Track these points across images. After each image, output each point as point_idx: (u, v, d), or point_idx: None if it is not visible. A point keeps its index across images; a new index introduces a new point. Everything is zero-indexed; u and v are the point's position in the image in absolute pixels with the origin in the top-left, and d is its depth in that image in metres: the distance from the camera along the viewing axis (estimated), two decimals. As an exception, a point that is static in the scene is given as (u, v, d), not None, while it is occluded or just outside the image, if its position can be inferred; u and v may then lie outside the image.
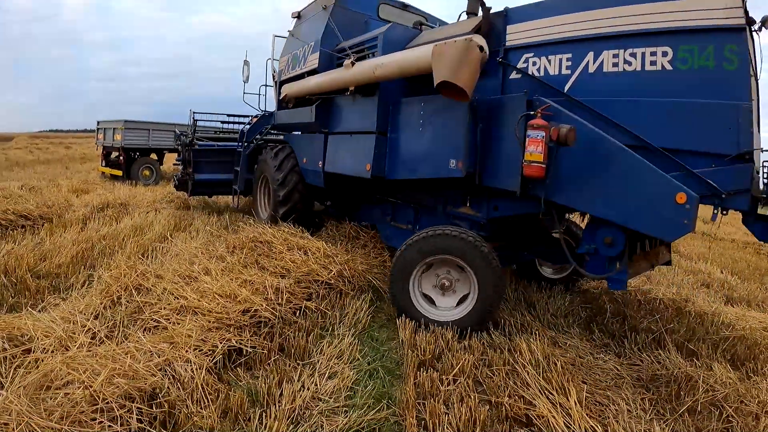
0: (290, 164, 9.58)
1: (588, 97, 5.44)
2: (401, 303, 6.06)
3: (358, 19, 8.85)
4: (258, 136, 11.78)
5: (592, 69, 5.53)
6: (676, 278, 9.55)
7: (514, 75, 6.12)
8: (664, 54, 5.05)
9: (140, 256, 7.39)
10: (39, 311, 5.22)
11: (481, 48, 5.88)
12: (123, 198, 13.19)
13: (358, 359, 5.09)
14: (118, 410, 3.60)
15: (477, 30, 6.29)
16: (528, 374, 4.64)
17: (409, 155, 6.95)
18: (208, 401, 3.99)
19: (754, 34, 5.08)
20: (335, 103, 8.69)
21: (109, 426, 3.52)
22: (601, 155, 5.06)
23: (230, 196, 12.97)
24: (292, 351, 5.09)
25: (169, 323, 5.05)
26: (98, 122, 21.21)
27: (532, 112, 5.41)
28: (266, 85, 12.34)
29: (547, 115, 5.35)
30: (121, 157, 19.71)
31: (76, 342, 4.54)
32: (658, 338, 6.07)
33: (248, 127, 12.29)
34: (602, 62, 5.45)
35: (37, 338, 4.51)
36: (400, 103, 7.11)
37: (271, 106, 11.96)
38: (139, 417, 3.67)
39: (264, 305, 5.62)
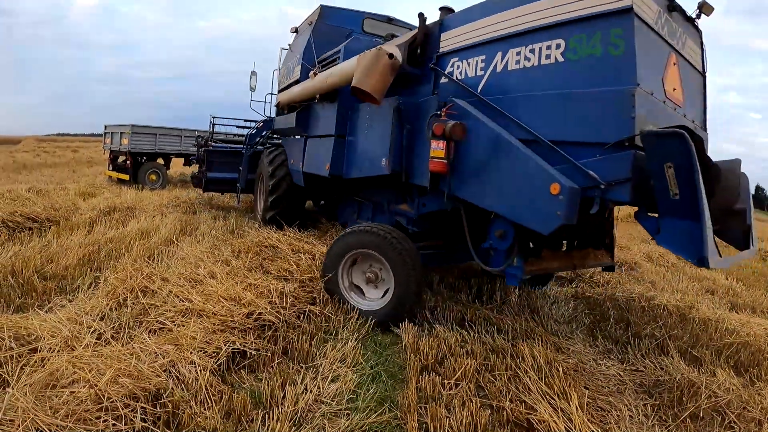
0: (280, 161, 10.46)
1: (496, 95, 5.61)
2: (331, 289, 6.53)
3: (341, 33, 9.50)
4: (259, 139, 13.21)
5: (499, 68, 5.74)
6: (681, 285, 9.52)
7: (443, 80, 6.42)
8: (558, 47, 5.14)
9: (146, 260, 7.41)
10: (45, 312, 5.24)
11: (391, 56, 6.48)
12: (129, 202, 13.22)
13: (361, 363, 5.08)
14: (122, 409, 3.62)
15: (413, 39, 6.78)
16: (530, 379, 4.64)
17: (358, 155, 7.58)
18: (211, 402, 4.01)
19: (697, 23, 5.60)
20: (312, 109, 9.50)
21: (114, 424, 3.54)
22: (493, 150, 5.26)
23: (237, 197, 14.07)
24: (296, 354, 5.08)
25: (174, 325, 5.07)
26: (105, 126, 21.30)
27: (438, 112, 5.76)
28: (272, 93, 13.38)
29: (451, 114, 5.71)
30: (128, 161, 19.79)
31: (81, 342, 4.54)
32: (662, 344, 6.07)
33: (254, 131, 13.52)
34: (507, 61, 5.64)
35: (44, 338, 4.53)
36: (354, 109, 7.80)
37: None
38: (143, 416, 3.68)
39: (268, 309, 5.64)
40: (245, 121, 16.05)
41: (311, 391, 4.35)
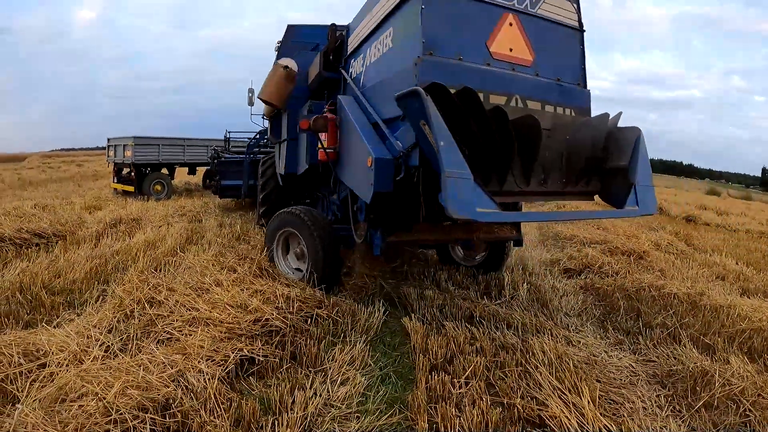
0: (269, 164, 11.51)
1: (367, 86, 6.44)
2: (270, 260, 7.39)
3: (308, 48, 10.07)
4: (257, 148, 14.78)
5: (368, 63, 6.50)
6: (691, 272, 9.47)
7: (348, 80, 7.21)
8: (389, 35, 5.83)
9: (153, 270, 7.37)
10: (54, 327, 5.22)
11: (286, 67, 8.40)
12: (135, 213, 13.23)
13: (370, 365, 5.05)
14: (131, 421, 3.61)
15: (326, 48, 7.86)
16: (540, 375, 4.60)
17: (298, 155, 8.78)
18: (221, 410, 3.97)
19: None
20: (279, 117, 10.32)
21: (123, 437, 3.51)
22: (349, 136, 6.07)
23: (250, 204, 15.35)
24: (304, 359, 5.05)
25: (182, 335, 5.04)
26: (108, 139, 21.30)
27: (324, 109, 6.76)
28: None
29: (331, 109, 6.67)
30: (132, 173, 19.82)
31: (90, 355, 4.52)
32: (673, 333, 6.02)
33: (252, 141, 15.37)
34: (371, 55, 6.38)
35: (52, 353, 4.51)
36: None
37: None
38: (153, 427, 3.66)
39: (275, 314, 5.61)
40: (257, 133, 16.77)
41: (320, 395, 4.32)
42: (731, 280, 9.23)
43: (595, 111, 6.09)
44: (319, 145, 6.65)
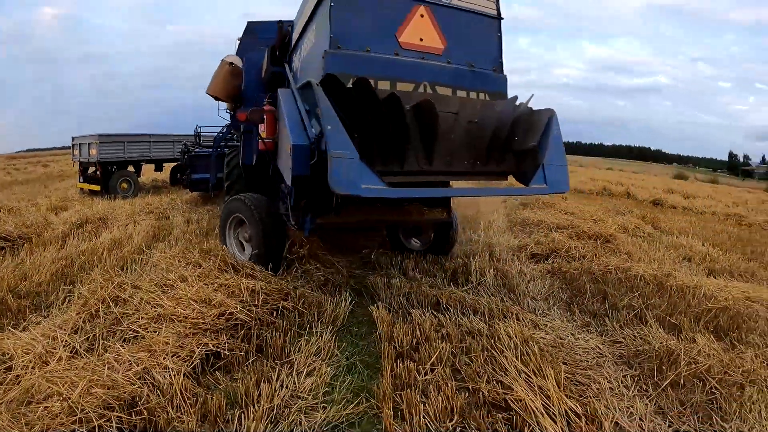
0: (233, 155, 11.54)
1: (299, 79, 6.72)
2: (223, 243, 7.72)
3: (265, 44, 10.00)
4: (224, 142, 14.69)
5: (302, 57, 6.82)
6: (657, 254, 9.57)
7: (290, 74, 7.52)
8: (313, 31, 6.26)
9: (119, 269, 7.28)
10: (21, 330, 5.12)
11: (231, 63, 9.21)
12: (101, 212, 12.95)
13: (337, 355, 5.05)
14: (96, 420, 3.58)
15: (273, 44, 8.28)
16: (506, 359, 4.57)
17: (253, 146, 8.72)
18: (187, 406, 3.95)
19: None
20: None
21: (89, 435, 3.45)
22: (281, 126, 6.23)
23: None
24: (270, 351, 5.02)
25: (147, 332, 4.99)
26: (73, 138, 20.92)
27: (264, 102, 6.95)
28: None
29: (271, 102, 6.81)
30: (98, 172, 19.52)
31: (55, 357, 4.47)
32: (640, 314, 6.04)
33: (219, 134, 15.21)
34: (303, 50, 6.72)
35: (18, 356, 4.45)
36: None
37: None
38: (119, 426, 3.67)
39: (239, 308, 5.54)
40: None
41: (287, 387, 4.31)
42: (697, 261, 9.32)
43: (566, 99, 6.32)
44: (260, 135, 7.00)
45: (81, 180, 20.47)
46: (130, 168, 20.82)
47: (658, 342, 5.14)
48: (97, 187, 19.31)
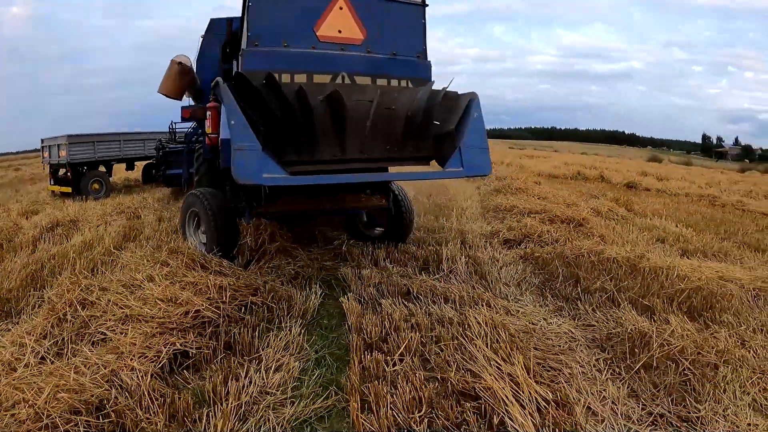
0: (200, 150, 11.01)
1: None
2: (184, 236, 7.92)
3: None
4: (195, 137, 14.25)
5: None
6: (631, 236, 9.59)
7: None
8: (244, 30, 6.40)
9: (88, 271, 7.18)
10: (-9, 339, 5.05)
11: (180, 63, 9.23)
12: (72, 215, 12.79)
13: (306, 349, 4.98)
14: (63, 425, 3.56)
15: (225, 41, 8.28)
16: (476, 347, 4.50)
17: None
18: (155, 407, 3.91)
19: None
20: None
21: (56, 441, 3.42)
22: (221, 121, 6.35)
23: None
24: (239, 348, 4.97)
25: (115, 334, 4.93)
26: (42, 140, 20.62)
27: (209, 98, 7.10)
28: None
29: (215, 98, 6.89)
30: (69, 173, 19.28)
31: (23, 363, 4.42)
32: (612, 297, 6.00)
33: (191, 130, 15.01)
34: (242, 43, 6.64)
35: (-15, 365, 4.39)
36: None
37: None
38: (87, 429, 3.64)
39: (205, 305, 5.48)
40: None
41: (255, 383, 4.27)
42: (671, 242, 9.36)
43: (542, 84, 6.37)
44: (206, 131, 7.34)
45: (52, 182, 20.17)
46: (101, 168, 20.54)
47: (631, 324, 5.09)
48: (68, 189, 19.02)
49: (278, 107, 5.85)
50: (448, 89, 6.62)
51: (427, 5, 6.64)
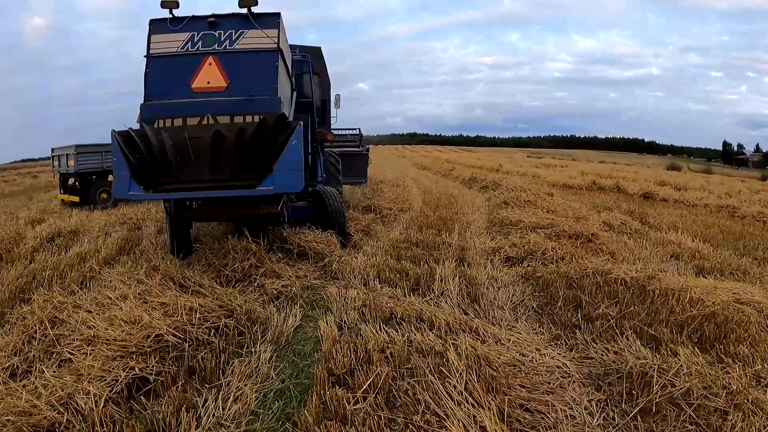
0: None
1: None
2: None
3: None
4: None
5: None
6: (643, 252, 9.17)
7: None
8: None
9: (79, 285, 7.27)
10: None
11: None
12: (75, 225, 12.72)
13: (272, 377, 4.73)
14: None
15: None
16: (449, 384, 4.08)
17: None
18: None
19: (255, 14, 7.66)
20: None
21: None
22: None
23: None
24: (202, 374, 4.72)
25: (80, 354, 4.80)
26: (53, 149, 20.61)
27: None
28: None
29: None
30: (77, 183, 19.12)
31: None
32: (616, 324, 5.52)
33: None
34: None
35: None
36: None
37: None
38: None
39: (166, 329, 5.22)
40: None
41: (211, 414, 4.05)
42: (686, 259, 8.88)
43: (560, 92, 5.97)
44: None
45: (61, 191, 20.10)
46: (110, 178, 20.38)
47: (633, 358, 4.61)
48: (76, 199, 18.93)
49: (145, 149, 7.23)
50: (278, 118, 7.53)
51: (281, 50, 7.88)
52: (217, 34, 7.61)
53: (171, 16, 7.65)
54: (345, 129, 20.95)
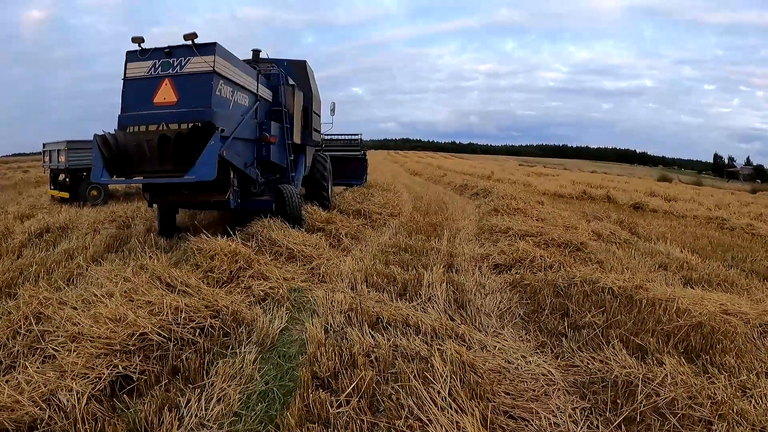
0: None
1: None
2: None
3: None
4: None
5: None
6: (632, 262, 9.16)
7: None
8: None
9: (66, 281, 7.26)
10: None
11: None
12: (64, 221, 12.61)
13: (256, 379, 4.71)
14: None
15: None
16: (433, 390, 4.06)
17: None
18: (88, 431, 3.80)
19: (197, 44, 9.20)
20: None
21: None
22: None
23: None
24: (186, 374, 4.72)
25: (64, 350, 4.78)
26: (44, 144, 20.41)
27: None
28: None
29: None
30: (67, 179, 18.99)
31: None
32: (603, 333, 5.55)
33: None
34: None
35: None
36: None
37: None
38: None
39: (150, 327, 5.20)
40: None
41: (194, 415, 4.05)
42: (674, 270, 8.86)
43: (551, 101, 6.03)
44: None
45: (51, 187, 19.96)
46: (93, 169, 20.22)
47: (619, 367, 4.61)
48: (66, 195, 18.78)
49: (114, 148, 9.00)
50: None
51: (216, 71, 9.30)
52: (171, 61, 9.32)
53: (140, 48, 9.38)
54: (346, 135, 21.28)
